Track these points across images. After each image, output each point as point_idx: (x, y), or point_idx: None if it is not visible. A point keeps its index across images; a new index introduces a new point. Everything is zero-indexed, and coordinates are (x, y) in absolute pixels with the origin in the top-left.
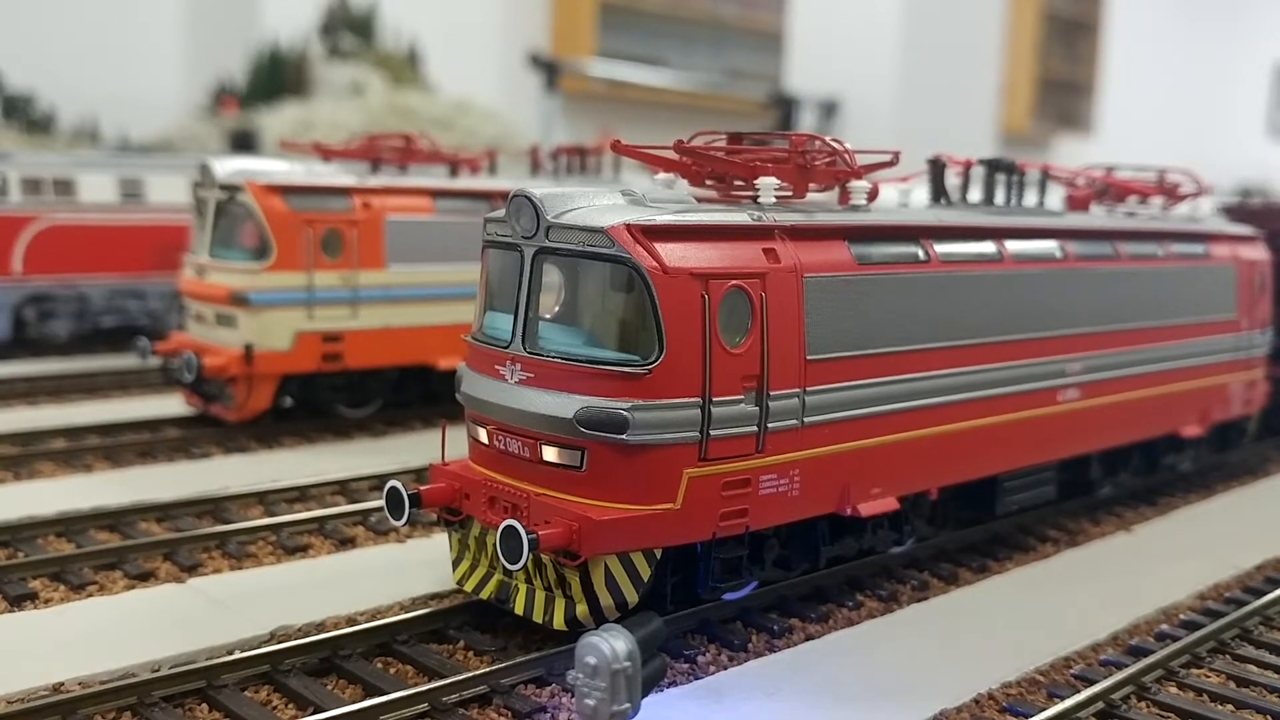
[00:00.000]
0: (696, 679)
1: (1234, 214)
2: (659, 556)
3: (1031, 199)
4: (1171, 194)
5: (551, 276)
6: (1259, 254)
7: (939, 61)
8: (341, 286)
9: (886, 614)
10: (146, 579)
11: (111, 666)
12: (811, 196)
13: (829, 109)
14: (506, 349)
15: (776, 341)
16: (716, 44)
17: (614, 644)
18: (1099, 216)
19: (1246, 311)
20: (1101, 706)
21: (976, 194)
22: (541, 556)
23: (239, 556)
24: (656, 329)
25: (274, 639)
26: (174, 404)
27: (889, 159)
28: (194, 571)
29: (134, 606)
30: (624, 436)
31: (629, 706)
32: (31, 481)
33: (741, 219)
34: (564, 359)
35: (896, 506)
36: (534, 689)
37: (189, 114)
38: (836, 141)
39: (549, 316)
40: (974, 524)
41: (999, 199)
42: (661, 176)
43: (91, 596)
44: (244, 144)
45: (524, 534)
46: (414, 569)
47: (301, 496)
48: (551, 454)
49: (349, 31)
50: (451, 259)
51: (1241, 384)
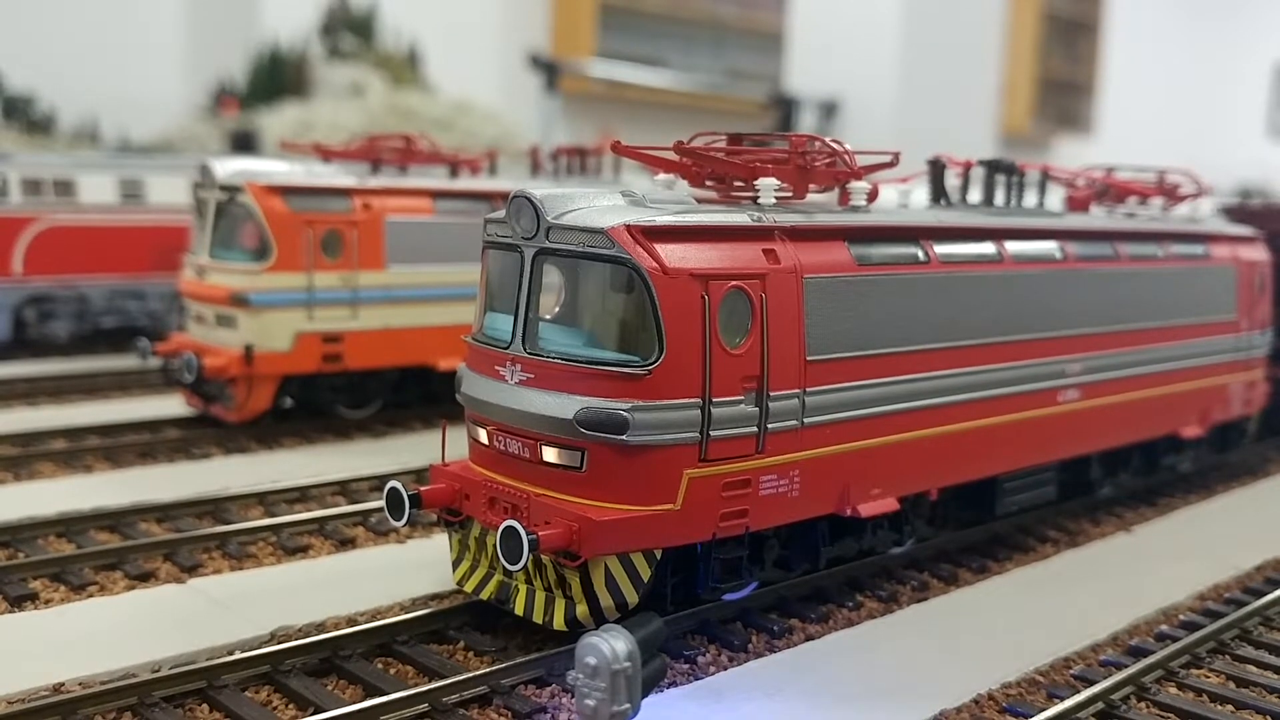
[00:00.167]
0: (696, 679)
1: (1234, 215)
2: (659, 557)
3: (1031, 200)
4: (1171, 195)
5: (551, 277)
6: (1259, 255)
7: (939, 61)
8: (341, 287)
9: (886, 614)
10: (147, 579)
11: (112, 667)
12: (811, 197)
13: (829, 109)
14: (506, 350)
15: (776, 342)
16: (716, 44)
17: (614, 644)
18: (1099, 217)
19: (1246, 312)
20: (1101, 707)
21: (976, 195)
22: (541, 557)
23: (239, 557)
24: (656, 330)
25: (274, 639)
26: (174, 405)
27: (889, 160)
28: (194, 572)
29: (134, 607)
30: (624, 437)
31: (629, 707)
32: (32, 482)
33: (741, 220)
34: (564, 360)
35: (896, 507)
36: (534, 689)
37: (189, 115)
38: (836, 142)
39: (549, 317)
40: (974, 524)
41: (999, 200)
42: (661, 177)
43: (92, 597)
44: (244, 145)
45: (524, 534)
46: (414, 569)
47: (302, 497)
48: (551, 455)
49: (349, 32)
50: (451, 260)
51: (1241, 384)
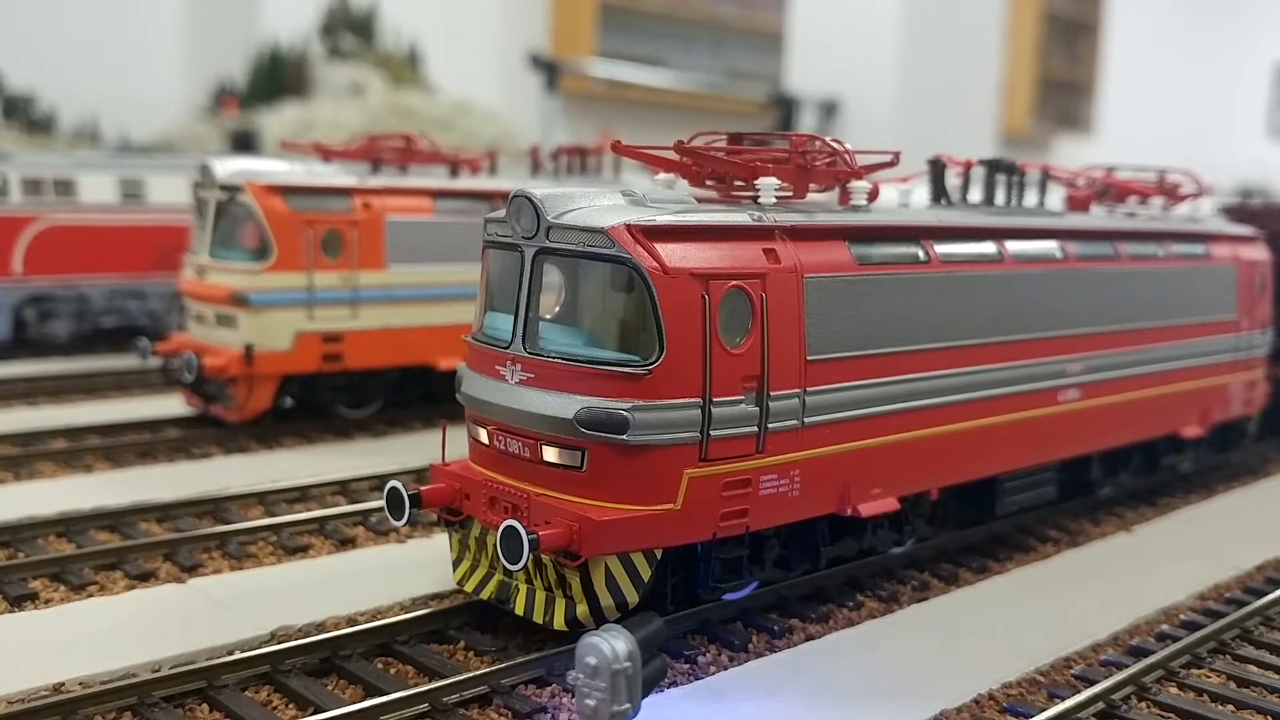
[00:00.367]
0: (697, 679)
1: (1234, 214)
2: (659, 557)
3: (1031, 199)
4: (1172, 194)
5: (552, 277)
6: (1259, 254)
7: (939, 61)
8: (342, 287)
9: (887, 614)
10: (147, 579)
11: (112, 667)
12: (812, 197)
13: (829, 109)
14: (507, 349)
15: (777, 342)
16: (716, 44)
17: (614, 644)
18: (1099, 217)
19: (1247, 312)
20: (1102, 707)
21: (977, 194)
22: (542, 557)
23: (239, 557)
24: (657, 329)
25: (274, 639)
26: (174, 404)
27: (889, 159)
28: (194, 572)
29: (134, 607)
30: (624, 437)
31: (629, 707)
32: (32, 482)
33: (742, 219)
34: (564, 359)
35: (897, 507)
36: (534, 689)
37: (189, 114)
38: (837, 142)
39: (549, 317)
40: (974, 524)
41: (999, 199)
42: (662, 177)
43: (92, 597)
44: (244, 144)
45: (524, 534)
46: (414, 569)
47: (302, 497)
48: (552, 454)
49: (349, 32)
50: (452, 259)
51: (1242, 384)
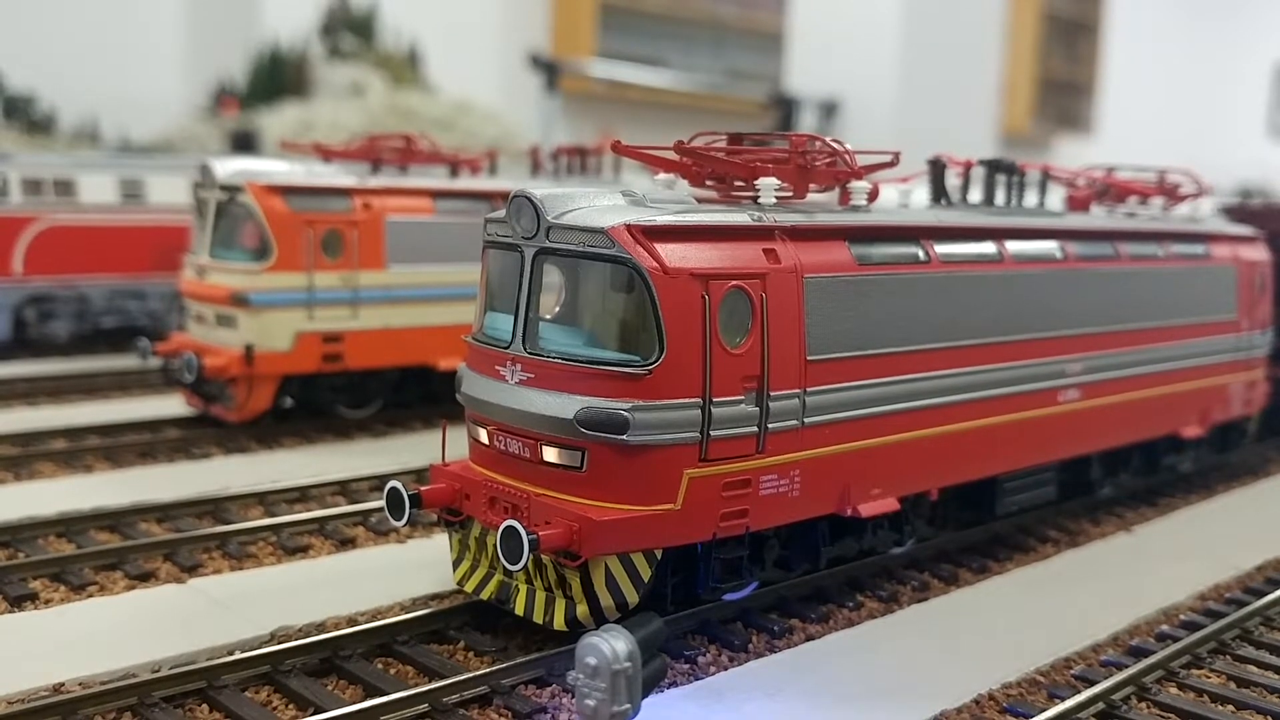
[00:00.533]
0: (697, 679)
1: (1234, 214)
2: (659, 557)
3: (1032, 199)
4: (1172, 194)
5: (552, 277)
6: (1259, 254)
7: (939, 61)
8: (342, 287)
9: (887, 614)
10: (147, 579)
11: (112, 667)
12: (812, 197)
13: (829, 109)
14: (507, 349)
15: (777, 342)
16: (716, 44)
17: (614, 644)
18: (1099, 217)
19: (1247, 312)
20: (1102, 707)
21: (977, 194)
22: (542, 557)
23: (239, 557)
24: (657, 329)
25: (274, 639)
26: (174, 404)
27: (889, 159)
28: (194, 572)
29: (134, 607)
30: (624, 437)
31: (629, 707)
32: (32, 482)
33: (742, 219)
34: (564, 359)
35: (897, 507)
36: (534, 689)
37: (189, 114)
38: (837, 142)
39: (549, 317)
40: (974, 524)
41: (999, 199)
42: (662, 177)
43: (92, 597)
44: (244, 144)
45: (524, 534)
46: (414, 569)
47: (302, 497)
48: (552, 454)
49: (349, 32)
50: (452, 259)
51: (1242, 384)
